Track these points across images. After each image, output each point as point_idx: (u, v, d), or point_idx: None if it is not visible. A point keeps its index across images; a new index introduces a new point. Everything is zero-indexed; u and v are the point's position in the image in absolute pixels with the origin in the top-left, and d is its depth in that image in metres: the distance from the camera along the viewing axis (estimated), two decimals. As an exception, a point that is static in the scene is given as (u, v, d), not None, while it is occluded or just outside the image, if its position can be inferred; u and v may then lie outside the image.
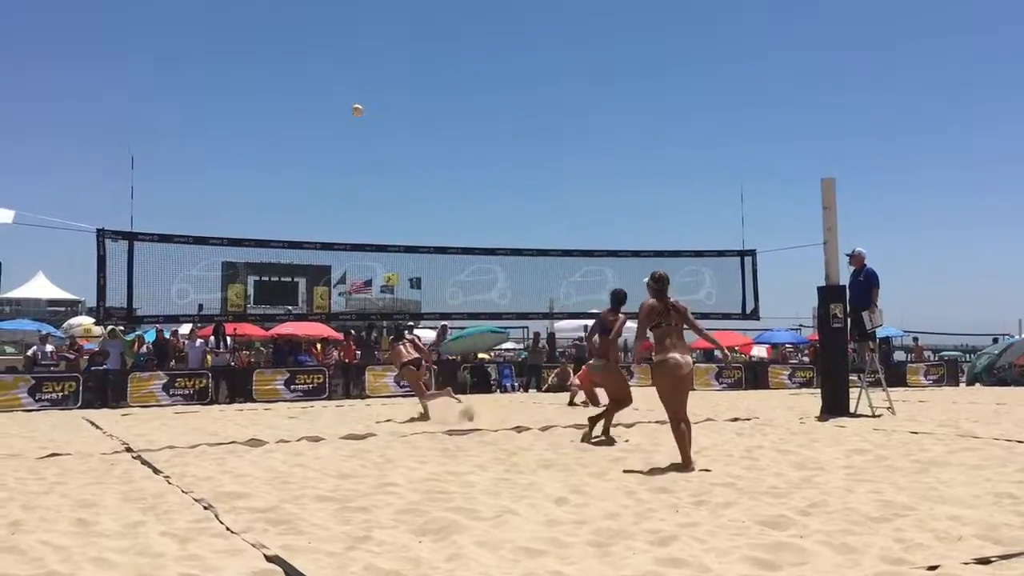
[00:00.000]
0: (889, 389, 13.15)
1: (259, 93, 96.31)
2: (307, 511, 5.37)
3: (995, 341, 27.72)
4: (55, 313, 41.57)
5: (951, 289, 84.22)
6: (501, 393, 21.45)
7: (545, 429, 10.74)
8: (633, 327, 7.90)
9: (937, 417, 11.98)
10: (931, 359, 27.57)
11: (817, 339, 16.57)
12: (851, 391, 12.60)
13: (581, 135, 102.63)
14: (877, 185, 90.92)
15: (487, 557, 4.17)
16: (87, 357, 20.49)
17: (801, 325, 35.47)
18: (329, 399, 18.65)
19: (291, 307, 19.06)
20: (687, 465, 6.94)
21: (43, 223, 11.34)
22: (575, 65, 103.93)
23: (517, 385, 22.51)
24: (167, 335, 21.06)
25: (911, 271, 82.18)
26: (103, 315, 12.84)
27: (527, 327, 27.65)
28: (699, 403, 14.87)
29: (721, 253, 15.35)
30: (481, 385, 21.58)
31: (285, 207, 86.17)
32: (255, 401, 18.09)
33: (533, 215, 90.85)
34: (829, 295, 12.89)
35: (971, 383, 24.98)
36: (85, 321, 29.14)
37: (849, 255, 12.89)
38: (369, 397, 19.07)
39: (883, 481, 6.24)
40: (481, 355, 26.38)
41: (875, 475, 6.56)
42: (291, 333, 22.94)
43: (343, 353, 22.21)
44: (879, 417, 11.77)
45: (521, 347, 31.95)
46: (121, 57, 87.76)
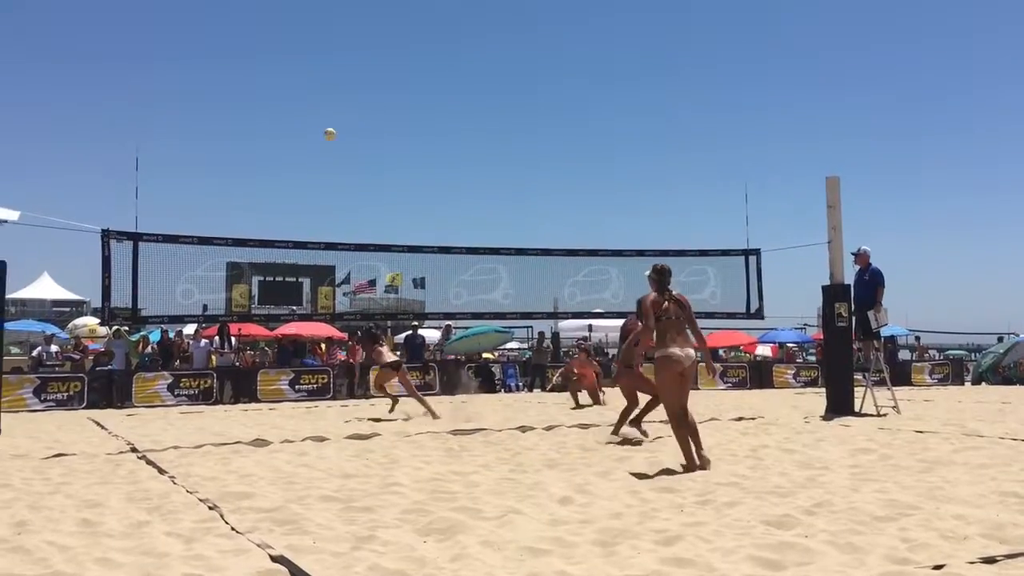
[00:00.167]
0: (894, 388, 13.13)
1: (263, 93, 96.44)
2: (312, 511, 5.38)
3: (1000, 340, 27.63)
4: (60, 313, 41.64)
5: (956, 288, 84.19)
6: (505, 393, 21.46)
7: (549, 429, 10.74)
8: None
9: (942, 416, 11.96)
10: (936, 358, 27.50)
11: (822, 338, 16.53)
12: (856, 390, 12.59)
13: (585, 134, 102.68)
14: (882, 184, 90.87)
15: (492, 557, 4.16)
16: (92, 357, 20.54)
17: (806, 324, 35.42)
18: (334, 399, 18.70)
19: (295, 307, 19.06)
20: (691, 466, 6.82)
21: (48, 223, 11.32)
22: (577, 64, 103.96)
23: (521, 385, 22.51)
24: (172, 335, 21.10)
25: (916, 270, 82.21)
26: (108, 315, 12.81)
27: (531, 327, 27.67)
28: (703, 402, 14.86)
29: (725, 252, 15.28)
30: (485, 385, 21.59)
31: (289, 207, 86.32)
32: (259, 401, 18.14)
33: (537, 214, 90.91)
34: (834, 294, 12.86)
35: (976, 382, 24.93)
36: (90, 321, 29.17)
37: (854, 254, 12.86)
38: (373, 397, 19.06)
39: (888, 480, 6.23)
40: (485, 355, 26.41)
41: (880, 474, 6.55)
42: (295, 333, 22.96)
43: (350, 353, 22.26)
44: (884, 416, 11.76)
45: (525, 347, 31.97)
46: (126, 58, 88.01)
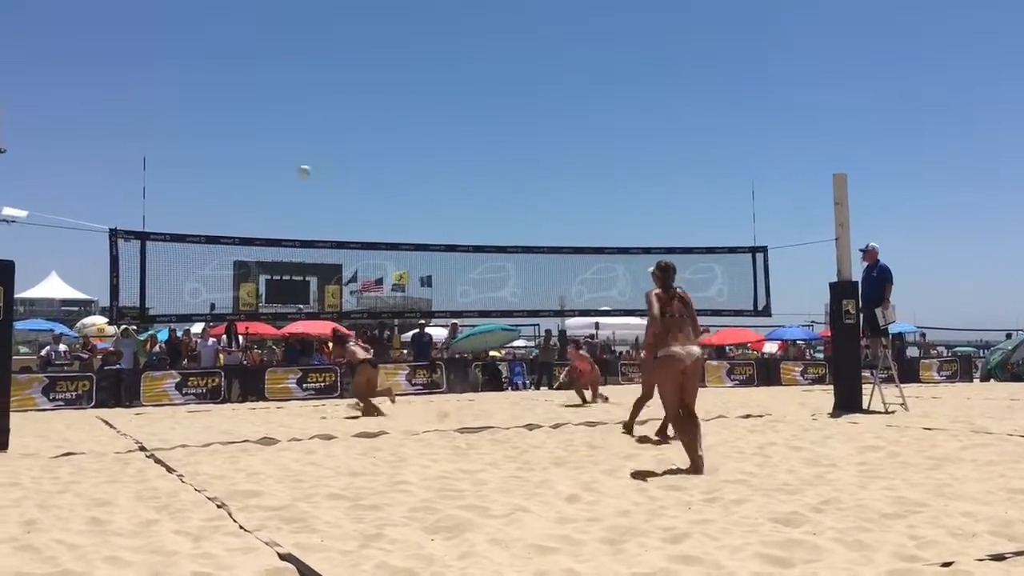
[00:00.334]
0: (902, 385, 13.10)
1: (268, 93, 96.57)
2: (320, 509, 5.39)
3: (1009, 337, 27.53)
4: (68, 313, 41.75)
5: (965, 285, 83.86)
6: (512, 391, 21.48)
7: (557, 427, 10.74)
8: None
9: (950, 413, 11.92)
10: (944, 355, 27.40)
11: (830, 335, 16.50)
12: (864, 387, 12.57)
13: (587, 133, 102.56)
14: (888, 181, 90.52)
15: (499, 555, 4.16)
16: (100, 357, 20.61)
17: (813, 322, 35.39)
18: (341, 397, 18.71)
19: (302, 306, 19.11)
20: (696, 467, 6.59)
21: (56, 223, 11.36)
22: (578, 64, 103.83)
23: (528, 383, 22.52)
24: (180, 334, 21.17)
25: (924, 266, 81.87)
26: (116, 315, 12.87)
27: (538, 324, 27.66)
28: (711, 400, 14.86)
29: (732, 250, 15.27)
30: (493, 383, 21.62)
31: (296, 206, 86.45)
32: (267, 400, 18.19)
33: (538, 214, 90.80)
34: (841, 291, 12.84)
35: (985, 379, 24.85)
36: (98, 321, 29.26)
37: (862, 250, 12.84)
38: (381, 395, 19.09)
39: (896, 478, 6.21)
40: (492, 353, 26.43)
41: (888, 472, 6.53)
42: (303, 332, 23.01)
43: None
44: (892, 413, 11.73)
45: (532, 345, 31.96)
46: (132, 58, 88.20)
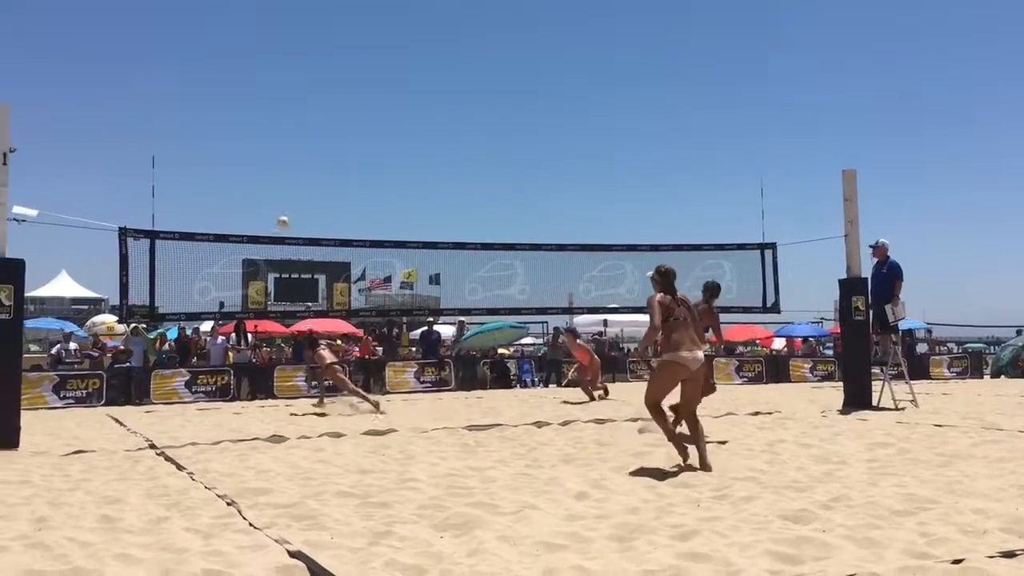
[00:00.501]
0: (912, 382, 13.04)
1: (272, 92, 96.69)
2: (329, 507, 5.40)
3: (1019, 333, 27.36)
4: (79, 311, 41.89)
5: (975, 281, 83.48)
6: (521, 388, 21.49)
7: (565, 424, 10.74)
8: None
9: (961, 410, 11.87)
10: (954, 351, 27.27)
11: (839, 332, 16.46)
12: (874, 384, 12.52)
13: (592, 132, 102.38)
14: (899, 177, 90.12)
15: (508, 552, 4.17)
16: (111, 355, 20.69)
17: (823, 318, 35.28)
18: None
19: (311, 304, 19.13)
20: (683, 455, 6.81)
21: (66, 222, 11.42)
22: (579, 63, 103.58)
23: (537, 380, 22.52)
24: (189, 332, 21.23)
25: (934, 263, 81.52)
26: (126, 313, 12.95)
27: (546, 322, 27.63)
28: (720, 397, 14.80)
29: (741, 246, 15.26)
30: (501, 380, 21.63)
31: (304, 204, 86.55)
32: (276, 397, 18.22)
33: (540, 213, 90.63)
34: (851, 288, 12.80)
35: (995, 375, 24.72)
36: (108, 319, 29.38)
37: (872, 247, 12.79)
38: (390, 393, 19.15)
39: (906, 474, 6.19)
40: (501, 350, 26.43)
41: (898, 468, 6.52)
42: (311, 330, 23.05)
43: (361, 349, 22.37)
44: (902, 410, 11.68)
45: (541, 342, 31.94)
46: (141, 58, 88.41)
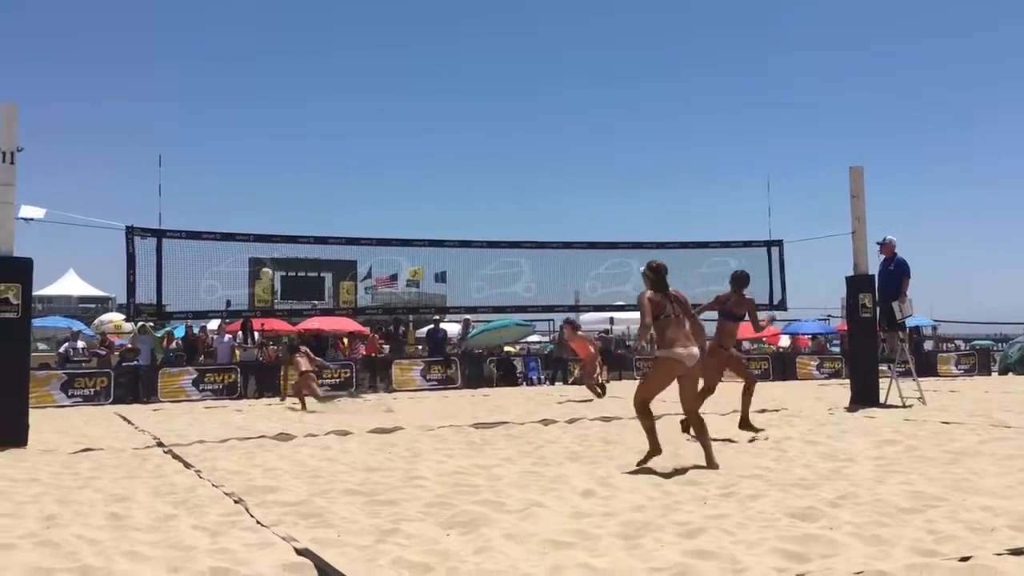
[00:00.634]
0: (919, 379, 13.01)
1: (277, 92, 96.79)
2: (336, 504, 5.41)
3: (1027, 330, 27.31)
4: (86, 310, 42.00)
5: (982, 278, 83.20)
6: (527, 386, 21.47)
7: (572, 422, 10.73)
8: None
9: (968, 407, 11.84)
10: (962, 349, 27.16)
11: (846, 329, 16.42)
12: (881, 381, 12.49)
13: (600, 130, 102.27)
14: (906, 174, 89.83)
15: (515, 549, 4.17)
16: (118, 353, 20.74)
17: (829, 315, 35.17)
18: (354, 393, 18.77)
19: (317, 302, 19.15)
20: (653, 452, 6.81)
21: (73, 221, 11.45)
22: (581, 62, 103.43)
23: (543, 378, 22.51)
24: (196, 331, 21.27)
25: (941, 260, 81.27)
26: (133, 311, 12.99)
27: (553, 320, 27.60)
28: (726, 394, 14.77)
29: (748, 243, 15.20)
30: (507, 378, 21.63)
31: (310, 203, 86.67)
32: (283, 395, 18.22)
33: (543, 212, 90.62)
34: (858, 285, 12.77)
35: (1003, 373, 24.63)
36: (115, 317, 29.44)
37: (880, 243, 12.75)
38: (396, 391, 19.18)
39: (914, 472, 6.18)
40: (507, 348, 26.41)
41: (906, 466, 6.51)
42: (318, 328, 23.09)
43: (367, 346, 22.41)
44: (909, 407, 11.65)
45: (547, 340, 31.92)
46: (147, 58, 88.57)
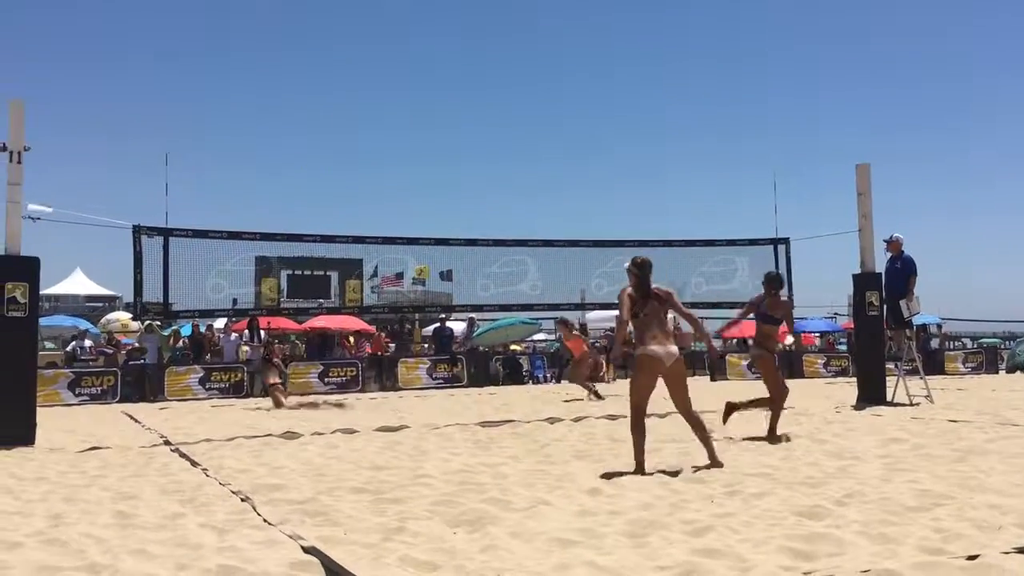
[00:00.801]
0: (927, 377, 12.99)
1: (286, 89, 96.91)
2: (343, 503, 5.42)
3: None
4: (93, 309, 42.11)
5: (989, 276, 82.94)
6: (533, 384, 21.50)
7: (578, 420, 10.74)
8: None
9: (976, 405, 11.81)
10: (969, 347, 27.07)
11: (853, 327, 16.38)
12: (888, 379, 12.47)
13: (607, 126, 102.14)
14: (912, 171, 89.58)
15: (521, 548, 4.17)
16: (125, 352, 20.80)
17: (836, 313, 35.10)
18: (362, 391, 18.82)
19: (323, 300, 19.19)
20: (639, 469, 6.35)
21: (80, 220, 11.50)
22: (576, 63, 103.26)
23: (549, 376, 22.52)
24: (203, 329, 21.32)
25: (948, 258, 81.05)
26: (140, 310, 13.04)
27: (558, 318, 27.60)
28: (732, 393, 14.74)
29: (754, 242, 15.15)
30: (513, 376, 21.65)
31: (317, 202, 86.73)
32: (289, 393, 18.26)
33: (542, 212, 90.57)
34: (865, 282, 12.75)
35: (1011, 371, 24.56)
36: (122, 316, 29.53)
37: (887, 241, 12.73)
38: (402, 389, 19.22)
39: (921, 470, 6.16)
40: (513, 346, 26.44)
41: (913, 464, 6.49)
42: (324, 326, 23.12)
43: (373, 345, 22.44)
44: (916, 406, 11.63)
45: (553, 338, 31.93)
46: (156, 55, 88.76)
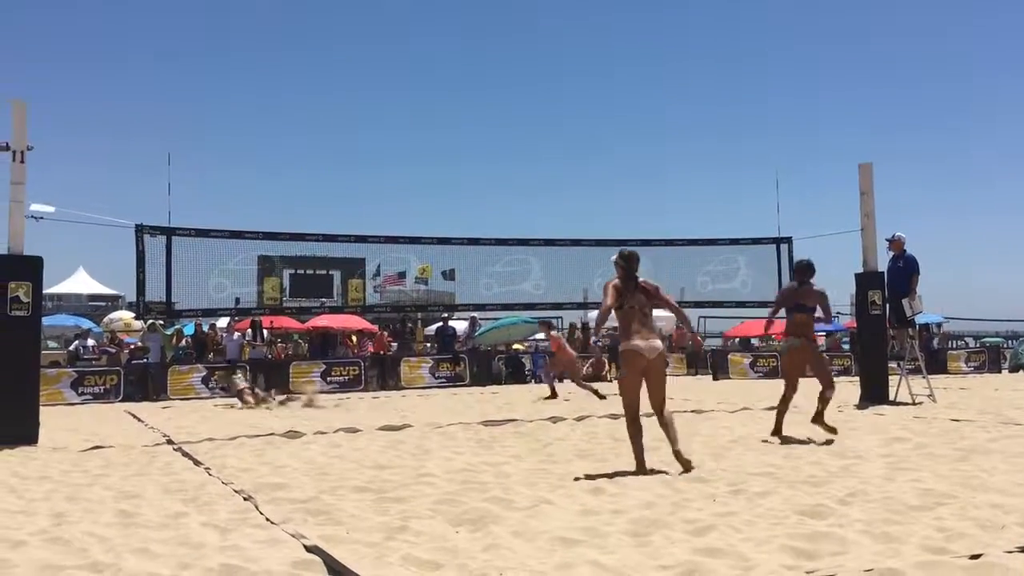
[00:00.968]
0: (929, 376, 12.97)
1: (288, 89, 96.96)
2: (345, 502, 5.42)
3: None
4: (96, 308, 42.12)
5: (991, 275, 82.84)
6: (536, 384, 21.47)
7: (580, 419, 10.73)
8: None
9: (978, 405, 11.79)
10: (972, 346, 27.03)
11: (855, 327, 16.37)
12: (891, 378, 12.45)
13: (609, 126, 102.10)
14: (914, 171, 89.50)
15: (523, 547, 4.17)
16: (128, 351, 20.81)
17: (838, 313, 35.01)
18: (365, 390, 18.83)
19: (326, 299, 19.19)
20: (640, 470, 6.32)
21: (83, 219, 11.51)
22: (574, 62, 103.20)
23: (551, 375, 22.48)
24: (205, 328, 21.34)
25: (950, 257, 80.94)
26: (143, 309, 13.04)
27: (561, 317, 27.60)
28: (735, 392, 14.79)
29: (756, 241, 15.15)
30: (516, 375, 21.65)
31: (319, 201, 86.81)
32: (292, 393, 18.26)
33: (542, 211, 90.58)
34: (867, 282, 12.73)
35: (1014, 370, 24.50)
36: (125, 315, 29.52)
37: (889, 240, 12.73)
38: (405, 388, 19.23)
39: (924, 469, 6.16)
40: (516, 345, 26.42)
41: (915, 463, 6.48)
42: (326, 326, 23.13)
43: (375, 344, 22.45)
44: (919, 405, 11.62)
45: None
46: (158, 55, 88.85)
